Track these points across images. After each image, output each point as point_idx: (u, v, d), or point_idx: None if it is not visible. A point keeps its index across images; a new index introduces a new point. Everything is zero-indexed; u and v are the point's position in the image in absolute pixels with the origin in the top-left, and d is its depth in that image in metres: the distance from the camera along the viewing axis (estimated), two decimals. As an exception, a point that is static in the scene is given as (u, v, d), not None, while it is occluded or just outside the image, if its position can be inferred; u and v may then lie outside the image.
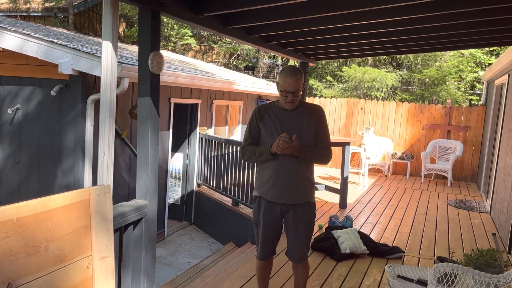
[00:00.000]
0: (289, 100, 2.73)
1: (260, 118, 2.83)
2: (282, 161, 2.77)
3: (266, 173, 2.85)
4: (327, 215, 6.11)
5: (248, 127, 2.92)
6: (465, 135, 9.77)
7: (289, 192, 2.82)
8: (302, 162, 2.78)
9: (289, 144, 2.65)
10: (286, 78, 2.69)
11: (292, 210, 2.86)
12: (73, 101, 5.18)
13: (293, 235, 2.90)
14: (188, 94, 7.28)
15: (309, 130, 2.82)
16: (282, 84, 2.71)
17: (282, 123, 2.80)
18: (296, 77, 2.69)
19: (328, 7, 3.42)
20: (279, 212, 2.87)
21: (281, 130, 2.76)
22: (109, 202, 2.28)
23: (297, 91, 2.72)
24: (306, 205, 2.89)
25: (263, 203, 2.88)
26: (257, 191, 2.94)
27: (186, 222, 7.69)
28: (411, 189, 8.60)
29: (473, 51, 12.78)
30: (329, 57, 7.08)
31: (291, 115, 2.82)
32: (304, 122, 2.81)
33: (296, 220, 2.87)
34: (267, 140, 2.80)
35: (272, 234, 2.94)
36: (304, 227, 2.90)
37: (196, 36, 16.79)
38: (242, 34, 4.24)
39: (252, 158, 2.86)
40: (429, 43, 5.12)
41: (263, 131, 2.82)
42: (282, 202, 2.84)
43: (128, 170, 5.87)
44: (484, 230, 5.92)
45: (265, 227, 2.89)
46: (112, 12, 2.62)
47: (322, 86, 13.99)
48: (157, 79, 2.92)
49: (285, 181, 2.80)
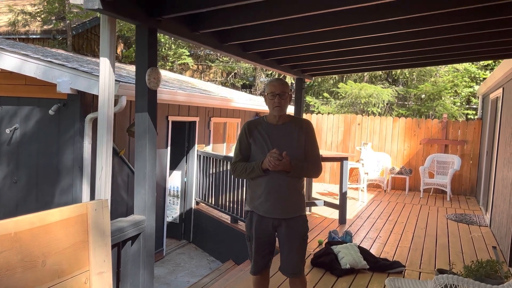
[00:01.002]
0: (276, 104, 2.76)
1: (250, 134, 2.86)
2: (273, 176, 2.78)
3: (257, 188, 2.86)
4: (326, 230, 6.08)
5: (238, 143, 2.94)
6: (462, 149, 9.80)
7: (281, 207, 2.83)
8: (292, 177, 2.80)
9: (279, 160, 2.67)
10: (271, 83, 2.81)
11: (285, 224, 2.86)
12: (71, 120, 5.21)
13: (287, 249, 2.89)
14: (186, 112, 7.32)
15: (298, 144, 2.84)
16: (269, 89, 2.80)
17: (272, 138, 2.82)
18: (281, 81, 2.80)
19: (323, 23, 3.48)
20: (271, 227, 2.88)
21: (271, 145, 2.78)
22: (106, 217, 2.28)
23: (283, 93, 2.77)
24: (298, 219, 2.90)
25: (254, 218, 2.89)
26: (248, 206, 2.95)
27: (185, 240, 7.64)
28: (410, 203, 8.57)
29: (468, 66, 12.92)
30: (325, 72, 7.16)
31: (281, 130, 2.85)
32: (294, 136, 2.84)
33: (289, 234, 2.87)
34: (258, 156, 2.82)
35: (264, 249, 2.93)
36: (296, 241, 2.90)
37: (193, 56, 16.96)
38: (238, 51, 4.30)
39: (243, 175, 2.86)
40: (424, 57, 5.19)
41: (254, 147, 2.84)
42: (274, 217, 2.84)
43: (126, 188, 5.85)
44: (484, 243, 5.89)
45: (258, 241, 2.89)
46: (110, 29, 2.67)
47: (319, 103, 14.08)
48: (154, 95, 2.95)
49: (277, 195, 2.81)
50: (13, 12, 13.38)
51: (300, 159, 2.82)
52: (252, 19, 3.20)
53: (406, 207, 8.22)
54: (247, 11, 3.14)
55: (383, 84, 14.10)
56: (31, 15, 13.21)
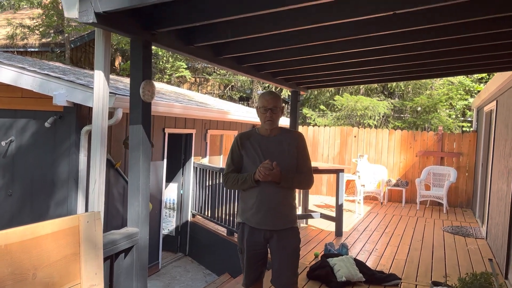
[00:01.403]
0: (268, 118, 2.79)
1: (242, 146, 2.88)
2: (264, 187, 2.79)
3: (249, 199, 2.87)
4: (323, 243, 6.06)
5: (230, 154, 2.96)
6: (458, 161, 9.83)
7: (272, 218, 2.84)
8: (283, 188, 2.81)
9: (270, 171, 2.69)
10: (263, 96, 2.83)
11: (276, 236, 2.86)
12: (67, 132, 5.22)
13: (278, 262, 2.88)
14: (183, 124, 7.34)
15: (290, 156, 2.86)
16: (261, 103, 2.82)
17: (263, 149, 2.84)
18: (273, 95, 2.82)
19: (317, 36, 3.52)
20: (262, 239, 2.88)
21: (263, 157, 2.80)
22: (99, 229, 2.27)
23: (275, 108, 2.79)
24: (290, 231, 2.90)
25: (246, 229, 2.89)
26: (240, 217, 2.95)
27: (181, 253, 7.59)
28: (406, 216, 8.56)
29: (462, 79, 13.04)
30: (320, 85, 7.21)
31: (272, 142, 2.87)
32: (285, 148, 2.86)
33: (280, 246, 2.87)
34: (249, 167, 2.84)
35: (256, 261, 2.93)
36: (288, 253, 2.89)
37: (191, 68, 17.06)
38: (233, 64, 4.34)
39: (235, 186, 2.88)
40: (419, 70, 5.24)
41: (246, 158, 2.86)
42: (265, 228, 2.85)
43: (121, 200, 5.84)
44: (480, 256, 5.88)
45: (249, 253, 2.89)
46: (104, 43, 2.70)
47: (316, 115, 14.14)
48: (148, 107, 2.97)
49: (268, 207, 2.82)
50: (11, 26, 13.47)
51: (291, 170, 2.83)
52: (246, 32, 3.24)
53: (402, 219, 8.21)
54: (241, 25, 3.18)
55: (379, 97, 14.19)
56: (30, 28, 13.30)
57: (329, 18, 2.94)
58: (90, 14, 2.45)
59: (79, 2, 2.47)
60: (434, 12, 2.96)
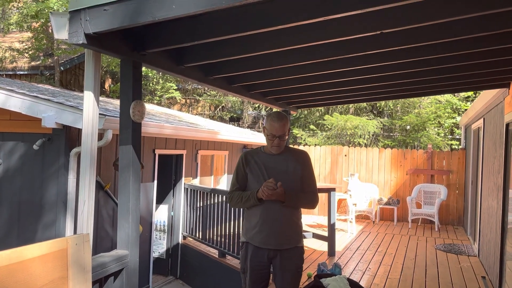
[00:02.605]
0: (275, 144, 2.81)
1: (247, 164, 2.89)
2: (268, 206, 2.78)
3: (253, 218, 2.85)
4: (316, 263, 6.00)
5: (235, 172, 2.96)
6: (448, 178, 9.90)
7: (276, 237, 2.81)
8: (288, 207, 2.80)
9: (274, 190, 2.67)
10: (273, 123, 2.80)
11: (280, 255, 2.83)
12: (56, 155, 5.16)
13: (281, 281, 2.85)
14: (173, 145, 7.31)
15: (294, 175, 2.86)
16: (269, 129, 2.80)
17: (268, 168, 2.84)
18: (282, 122, 2.80)
19: (306, 56, 3.56)
20: (266, 258, 2.85)
21: (267, 175, 2.80)
22: (87, 252, 2.23)
23: (283, 135, 2.81)
24: (294, 250, 2.88)
25: (250, 249, 2.86)
26: (244, 237, 2.93)
27: (172, 276, 7.44)
28: (399, 234, 8.54)
29: (449, 97, 13.25)
30: (310, 105, 7.26)
31: (277, 160, 2.87)
32: (290, 167, 2.86)
33: (284, 266, 2.84)
34: (253, 185, 2.84)
35: (260, 281, 2.89)
36: (292, 273, 2.87)
37: (181, 90, 17.12)
38: (223, 84, 4.36)
39: (239, 204, 2.88)
40: (406, 89, 5.32)
41: (250, 176, 2.87)
42: (269, 248, 2.82)
43: (111, 223, 5.75)
44: (473, 273, 5.86)
45: (253, 273, 2.85)
46: (94, 64, 2.70)
47: (306, 135, 14.21)
48: (138, 128, 2.95)
49: (272, 226, 2.80)
50: (0, 49, 13.46)
51: (296, 189, 2.83)
52: (236, 52, 3.27)
53: (395, 238, 8.18)
54: (231, 45, 3.21)
55: (368, 116, 14.33)
56: (19, 51, 13.30)
57: (318, 38, 2.98)
58: (80, 35, 2.46)
59: (69, 23, 2.48)
60: (420, 31, 3.02)
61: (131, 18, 2.36)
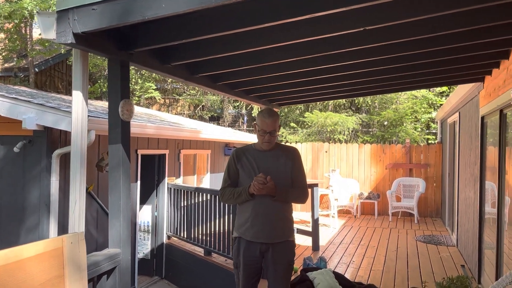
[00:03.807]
0: (266, 140, 2.87)
1: (238, 160, 2.94)
2: (260, 201, 2.84)
3: (244, 213, 2.91)
4: (301, 258, 6.09)
5: (226, 169, 3.02)
6: (426, 172, 10.16)
7: (268, 231, 2.87)
8: (278, 202, 2.86)
9: (264, 184, 2.74)
10: (264, 119, 2.86)
11: (272, 249, 2.90)
12: (38, 157, 5.08)
13: (273, 275, 2.91)
14: (155, 145, 7.29)
15: (285, 171, 2.93)
16: (260, 125, 2.86)
17: (259, 164, 2.91)
18: (273, 118, 2.87)
19: (287, 54, 3.63)
20: (258, 252, 2.90)
21: (258, 171, 2.86)
22: (82, 250, 2.24)
23: (274, 131, 2.87)
24: (285, 244, 2.94)
25: (242, 243, 2.91)
26: (236, 232, 2.98)
27: (157, 277, 7.42)
28: (380, 227, 8.73)
29: (425, 93, 13.58)
30: (291, 102, 7.35)
31: (268, 156, 2.94)
32: (280, 163, 2.93)
33: (276, 259, 2.90)
34: (245, 181, 2.89)
35: (253, 276, 2.94)
36: (283, 266, 2.93)
37: (160, 90, 16.99)
38: (208, 82, 4.39)
39: (231, 200, 2.93)
40: (384, 85, 5.45)
41: (241, 172, 2.92)
42: (261, 242, 2.87)
43: (95, 224, 5.70)
44: (453, 262, 6.06)
45: (246, 267, 2.90)
46: (82, 63, 2.69)
47: (287, 133, 14.32)
48: (127, 127, 2.96)
49: (263, 220, 2.86)
50: (-28, 51, 13.09)
51: (286, 185, 2.90)
52: (221, 50, 3.31)
53: (376, 231, 8.36)
54: (217, 43, 3.25)
55: (347, 112, 14.55)
56: (-8, 53, 12.97)
57: (302, 36, 3.04)
58: (68, 35, 2.46)
59: (56, 23, 2.47)
60: (398, 28, 3.12)
61: (120, 17, 2.37)
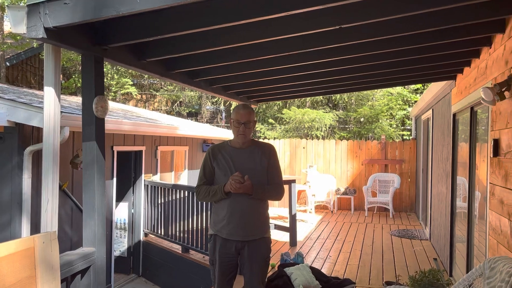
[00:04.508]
0: (241, 132, 2.85)
1: (214, 158, 2.93)
2: (236, 199, 2.84)
3: (220, 211, 2.90)
4: (278, 253, 6.13)
5: (202, 166, 3.00)
6: (400, 167, 10.36)
7: (244, 229, 2.88)
8: (254, 200, 2.87)
9: (241, 183, 2.75)
10: (238, 110, 2.87)
11: (247, 246, 2.90)
12: (9, 154, 4.94)
13: (249, 271, 2.92)
14: (132, 141, 7.19)
15: (261, 168, 2.93)
16: (235, 116, 2.86)
17: (235, 161, 2.89)
18: (248, 110, 2.88)
19: (265, 51, 3.64)
20: (234, 250, 2.90)
21: (234, 169, 2.85)
22: (55, 250, 2.20)
23: (248, 122, 2.85)
24: (261, 241, 2.95)
25: (218, 241, 2.91)
26: (212, 229, 2.97)
27: (134, 274, 7.35)
28: (356, 222, 8.87)
29: (400, 90, 13.83)
30: (269, 98, 7.37)
31: (244, 154, 2.93)
32: (256, 160, 2.93)
33: (251, 256, 2.90)
34: (221, 179, 2.88)
35: (229, 272, 2.94)
36: (259, 263, 2.94)
37: (137, 85, 16.75)
38: (185, 78, 4.36)
39: (206, 198, 2.92)
40: (360, 82, 5.52)
41: (217, 170, 2.91)
42: (237, 239, 2.88)
43: (70, 223, 5.59)
44: (426, 256, 6.21)
45: (221, 265, 2.90)
46: (54, 58, 2.63)
47: (265, 129, 14.37)
48: (102, 123, 2.91)
49: (239, 218, 2.86)
50: None
51: (263, 182, 2.90)
52: (197, 47, 3.29)
53: (352, 226, 8.49)
54: (193, 39, 3.22)
55: (325, 109, 14.70)
56: (-40, 46, 12.50)
57: (278, 33, 3.05)
58: (39, 29, 2.39)
59: (27, 17, 2.41)
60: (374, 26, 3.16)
61: (94, 12, 2.32)
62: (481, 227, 3.71)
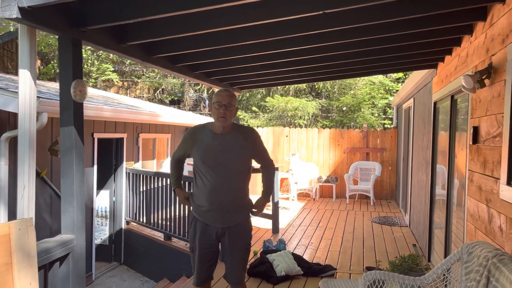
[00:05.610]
0: (221, 114, 2.74)
1: (193, 139, 2.89)
2: (216, 184, 2.79)
3: (201, 196, 2.85)
4: (261, 240, 6.16)
5: (181, 142, 3.01)
6: (382, 156, 10.49)
7: (225, 215, 2.85)
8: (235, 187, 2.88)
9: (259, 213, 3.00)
10: (219, 93, 2.83)
11: (228, 233, 2.87)
12: (-16, 140, 4.81)
13: (230, 258, 2.90)
14: (113, 129, 7.08)
15: (242, 153, 2.87)
16: (216, 98, 2.78)
17: (214, 147, 2.81)
18: (229, 93, 2.83)
19: (248, 36, 3.59)
20: (214, 236, 2.87)
21: (212, 154, 2.80)
22: (32, 236, 2.15)
23: (230, 105, 2.76)
24: (241, 226, 2.92)
25: (199, 227, 2.87)
26: (194, 212, 2.93)
27: (116, 262, 7.30)
28: (338, 210, 8.97)
29: (382, 79, 13.94)
30: (252, 86, 7.33)
31: (224, 139, 2.83)
32: (237, 145, 2.85)
33: (232, 242, 2.88)
34: (197, 162, 2.85)
35: (208, 259, 2.92)
36: (240, 250, 2.92)
37: (118, 72, 16.46)
38: (166, 63, 4.28)
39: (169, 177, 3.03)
40: (342, 70, 5.53)
41: (194, 152, 2.87)
42: (218, 226, 2.85)
43: (49, 210, 5.50)
44: (405, 242, 6.32)
45: (201, 251, 2.87)
46: (29, 40, 2.54)
47: (249, 117, 14.34)
48: (80, 108, 2.84)
49: (220, 204, 2.82)
50: None
51: (245, 167, 2.89)
52: (179, 31, 3.22)
53: (334, 213, 8.58)
54: (175, 23, 3.16)
55: (308, 98, 14.72)
56: None
57: (261, 18, 3.01)
58: (13, 9, 2.30)
59: (0, -4, 2.31)
60: (358, 12, 3.15)
61: (70, -9, 2.25)
62: (459, 214, 3.78)
